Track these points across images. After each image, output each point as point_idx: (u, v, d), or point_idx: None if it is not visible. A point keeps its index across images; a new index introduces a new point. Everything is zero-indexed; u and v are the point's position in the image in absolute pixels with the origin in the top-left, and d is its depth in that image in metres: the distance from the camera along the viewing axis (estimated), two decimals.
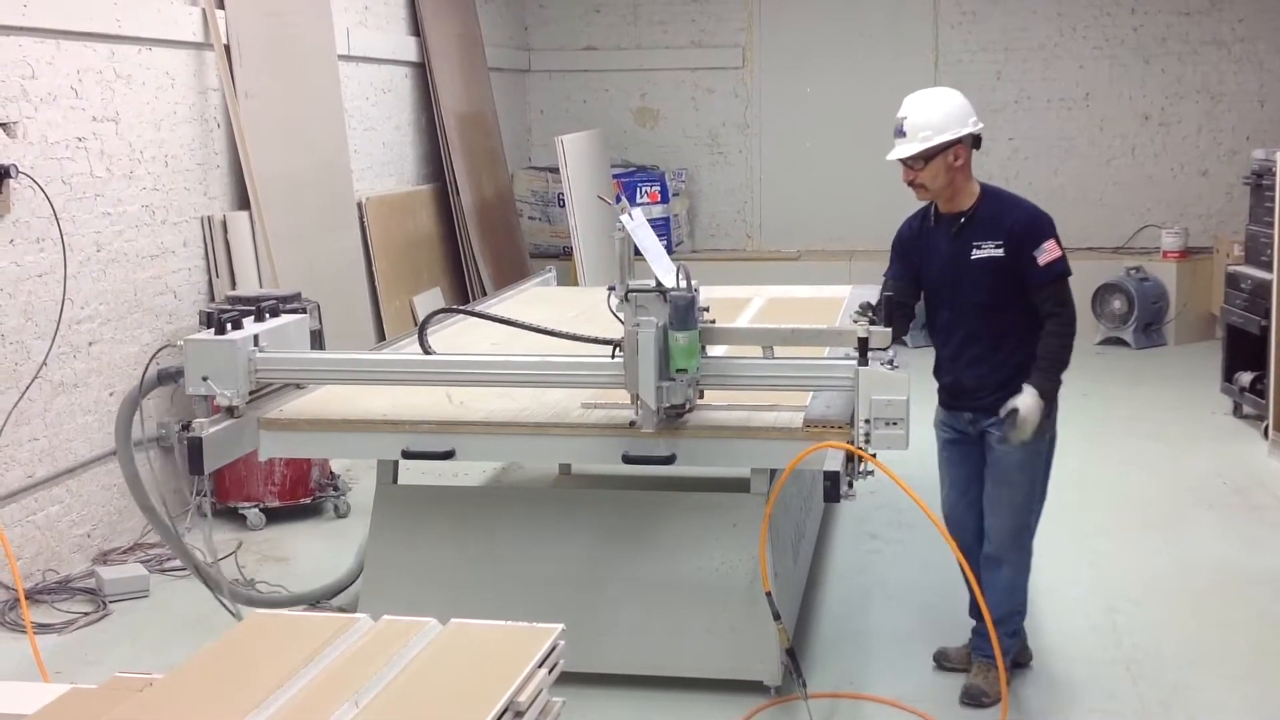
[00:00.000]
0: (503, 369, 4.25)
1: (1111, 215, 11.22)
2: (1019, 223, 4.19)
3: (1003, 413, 4.15)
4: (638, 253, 4.09)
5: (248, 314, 4.35)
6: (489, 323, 5.48)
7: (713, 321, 4.09)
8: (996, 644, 3.94)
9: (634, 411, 3.95)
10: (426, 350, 4.44)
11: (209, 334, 4.18)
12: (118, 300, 6.04)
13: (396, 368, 4.41)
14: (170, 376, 4.38)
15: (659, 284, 3.90)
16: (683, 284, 3.87)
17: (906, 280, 4.38)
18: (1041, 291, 4.17)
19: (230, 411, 4.17)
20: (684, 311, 3.84)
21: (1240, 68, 11.05)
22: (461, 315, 5.46)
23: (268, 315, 4.38)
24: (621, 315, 3.94)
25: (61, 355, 5.67)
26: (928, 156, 4.16)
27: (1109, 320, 10.42)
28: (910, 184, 4.25)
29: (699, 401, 4.06)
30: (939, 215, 4.33)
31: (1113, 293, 10.39)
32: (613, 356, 4.02)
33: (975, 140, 4.24)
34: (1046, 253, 4.13)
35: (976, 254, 4.20)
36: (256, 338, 4.22)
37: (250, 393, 4.22)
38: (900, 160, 4.22)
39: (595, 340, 4.28)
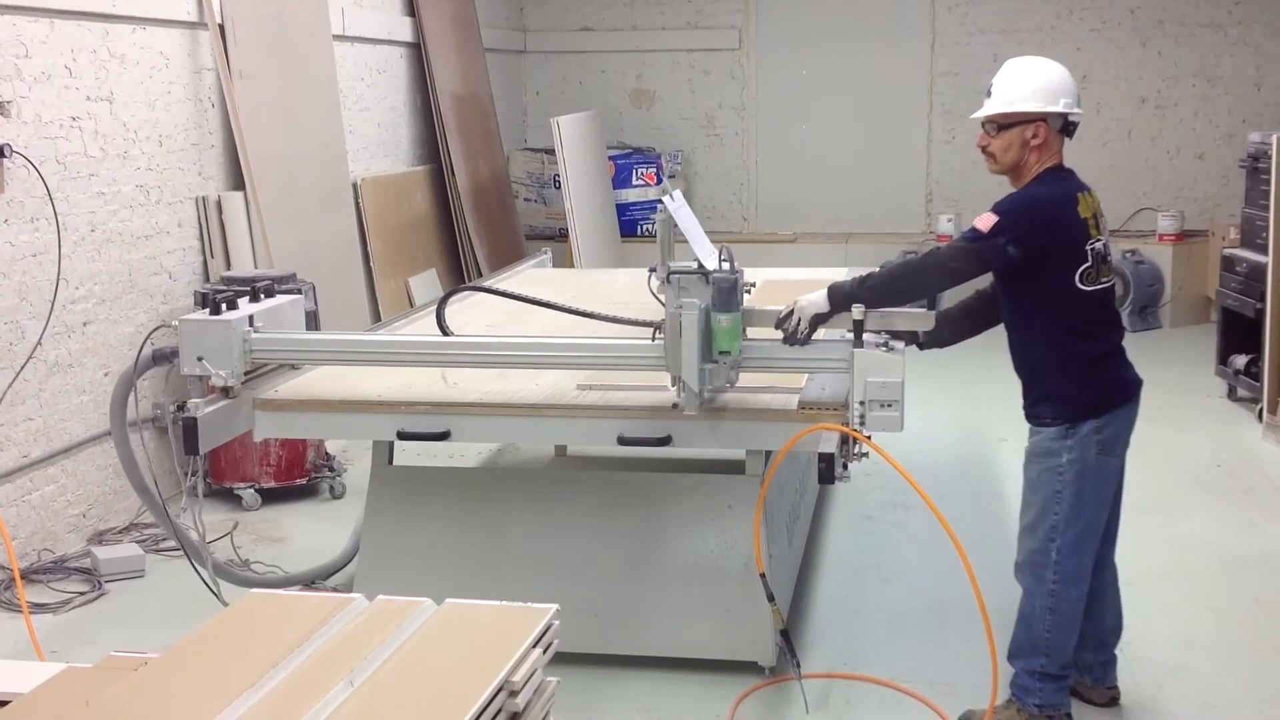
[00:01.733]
0: (530, 351, 4.17)
1: (1108, 198, 11.03)
2: (1004, 199, 3.85)
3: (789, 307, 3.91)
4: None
5: (243, 294, 4.34)
6: (486, 304, 5.48)
7: (752, 286, 3.97)
8: (992, 641, 3.80)
9: (676, 394, 3.90)
10: (445, 330, 4.41)
11: (204, 314, 4.17)
12: (112, 280, 6.03)
13: (392, 349, 4.37)
14: (165, 357, 4.38)
15: (701, 265, 3.86)
16: (725, 265, 3.81)
17: None
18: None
19: (225, 392, 4.14)
20: (727, 293, 3.78)
21: (1237, 51, 11.04)
22: (468, 295, 5.44)
23: (263, 296, 4.36)
24: (663, 297, 3.89)
25: (56, 335, 5.67)
26: (1003, 124, 3.88)
27: None
28: (981, 149, 3.97)
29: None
30: None
31: None
32: (653, 339, 3.97)
33: (1067, 126, 3.89)
34: (978, 219, 3.78)
35: None
36: (251, 318, 4.20)
37: (245, 373, 4.19)
38: (981, 120, 3.95)
39: (635, 322, 4.23)
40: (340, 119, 8.09)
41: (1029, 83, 3.89)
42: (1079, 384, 3.87)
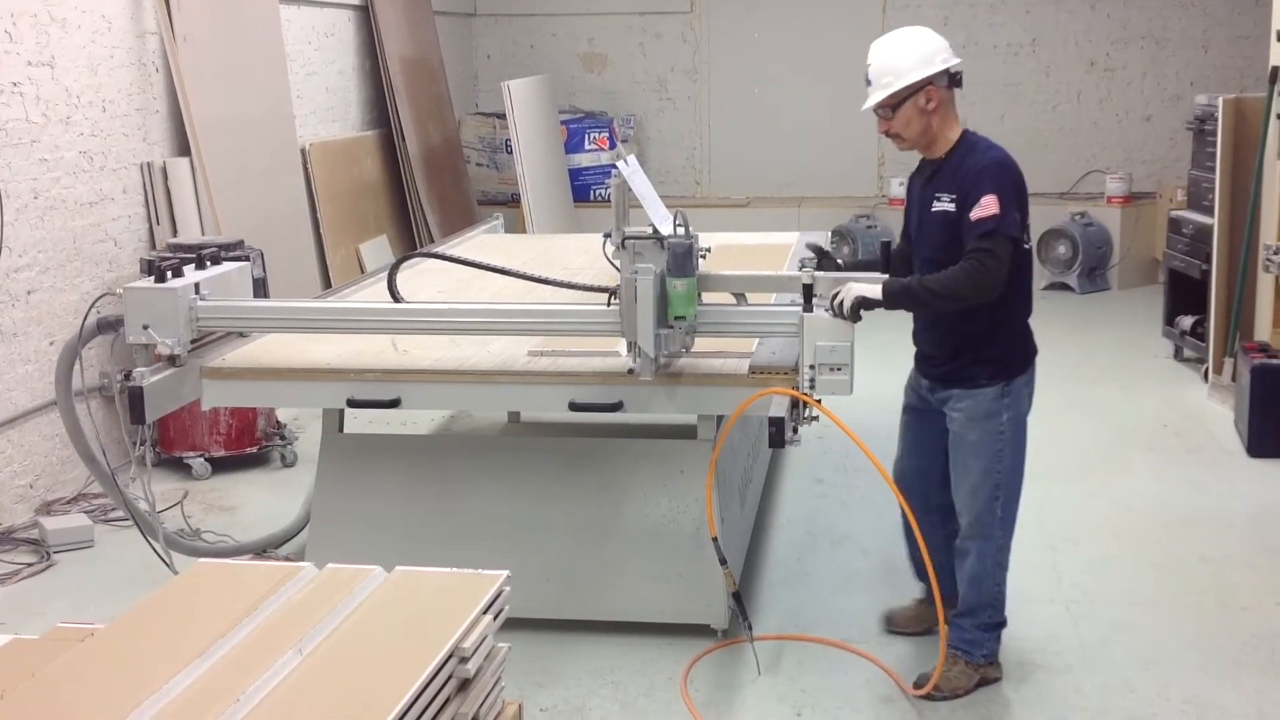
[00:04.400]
0: (483, 317, 4.14)
1: (1057, 161, 11.28)
2: (971, 173, 3.80)
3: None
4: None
5: (188, 261, 4.29)
6: (438, 270, 5.45)
7: (707, 250, 3.96)
8: (938, 591, 3.95)
9: (631, 359, 3.89)
10: (396, 297, 4.36)
11: (149, 282, 4.12)
12: (56, 248, 5.95)
13: (343, 316, 4.34)
14: (110, 325, 4.32)
15: (656, 231, 3.84)
16: (680, 231, 3.80)
17: (905, 229, 4.17)
18: (970, 244, 3.72)
19: (171, 360, 4.10)
20: (683, 258, 3.78)
21: (1185, 13, 11.11)
22: (417, 260, 5.41)
23: (209, 263, 4.32)
24: (618, 262, 3.88)
25: (0, 304, 5.59)
26: (895, 104, 3.85)
27: (1053, 265, 10.51)
28: (886, 135, 3.94)
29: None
30: (923, 162, 4.02)
31: (1057, 238, 10.48)
32: (608, 304, 3.96)
33: (953, 80, 3.88)
34: (982, 207, 3.70)
35: (935, 207, 3.87)
36: (198, 286, 4.16)
37: (192, 341, 4.16)
38: (874, 111, 3.92)
39: (590, 288, 4.22)
40: (287, 83, 8.00)
41: (903, 56, 3.87)
42: (1012, 343, 3.97)
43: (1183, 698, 4.08)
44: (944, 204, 3.84)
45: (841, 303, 3.77)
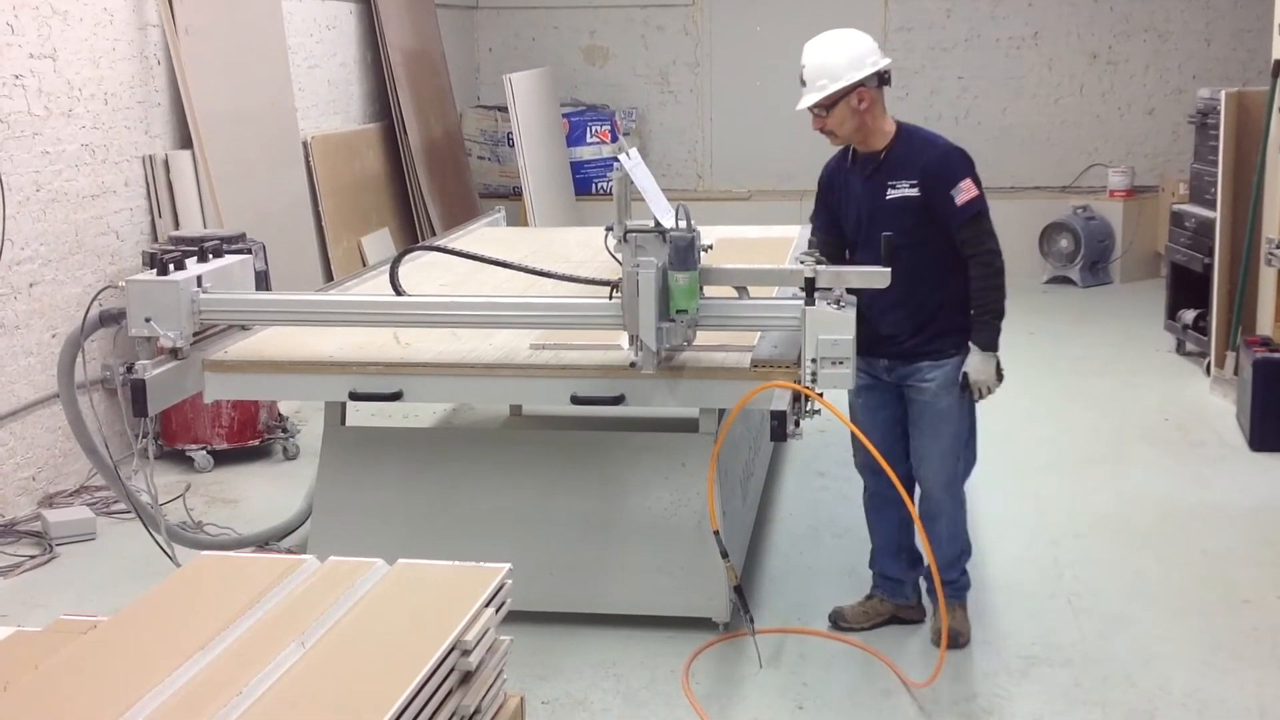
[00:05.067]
0: (486, 310, 4.16)
1: (1059, 154, 11.27)
2: (933, 160, 4.10)
3: (962, 380, 4.17)
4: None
5: (191, 254, 4.29)
6: (439, 264, 5.45)
7: (709, 247, 3.98)
8: (939, 583, 4.03)
9: (633, 353, 3.90)
10: (398, 290, 4.36)
11: (151, 275, 4.12)
12: (58, 241, 5.95)
13: (344, 309, 4.35)
14: (113, 318, 4.32)
15: (658, 224, 3.86)
16: (682, 224, 3.83)
17: (830, 222, 4.35)
18: (962, 232, 4.08)
19: (174, 353, 4.10)
20: (684, 252, 3.80)
21: (1187, 6, 11.09)
22: (421, 254, 5.40)
23: (211, 256, 4.32)
24: (619, 256, 3.89)
25: (2, 297, 5.59)
26: (829, 104, 4.09)
27: (1055, 259, 10.50)
28: (820, 131, 4.17)
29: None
30: (856, 156, 4.25)
31: (1059, 231, 10.47)
32: (610, 298, 3.98)
33: (882, 79, 4.13)
34: (963, 192, 4.04)
35: (891, 194, 4.11)
36: (200, 279, 4.16)
37: (194, 334, 4.16)
38: (809, 110, 4.14)
39: (592, 281, 4.22)
40: (289, 76, 8.00)
41: (835, 58, 4.10)
42: (964, 314, 4.19)
43: (1184, 691, 4.08)
44: (902, 189, 4.11)
45: (986, 387, 4.17)
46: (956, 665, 4.21)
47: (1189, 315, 7.90)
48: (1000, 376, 4.20)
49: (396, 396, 4.15)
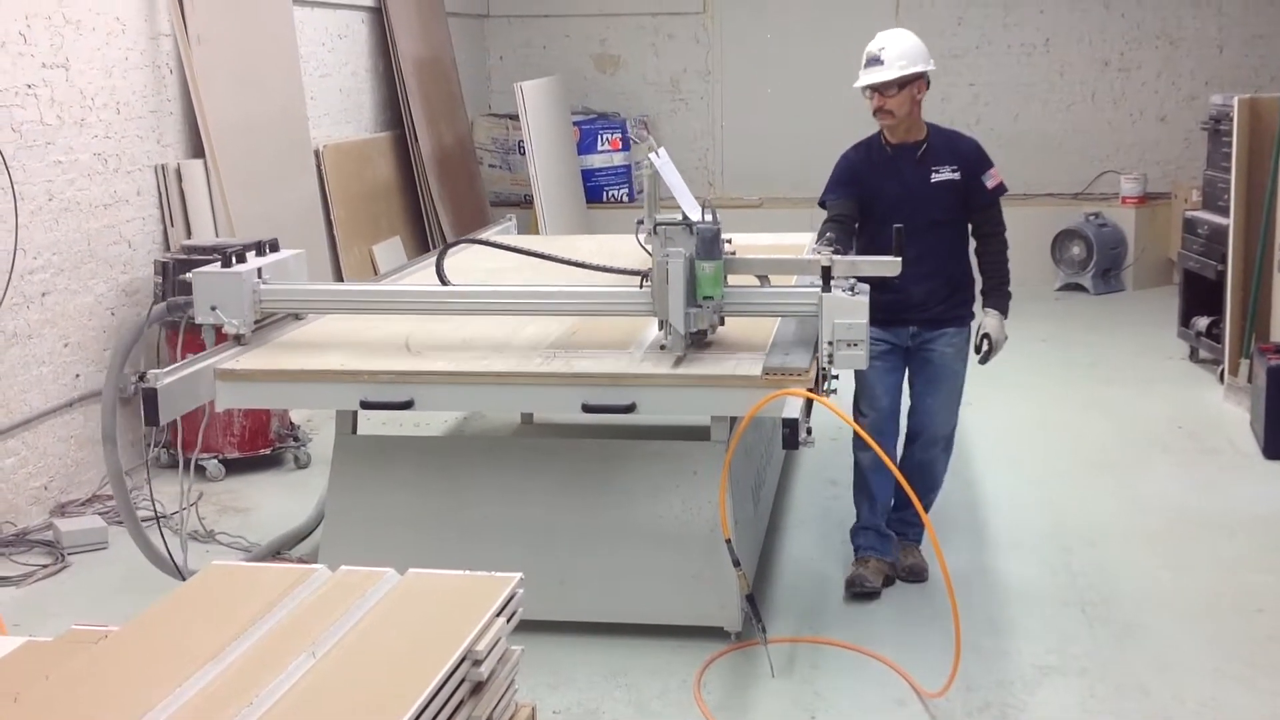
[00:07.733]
0: (527, 299, 4.42)
1: (1071, 161, 11.25)
2: (970, 149, 4.80)
3: (978, 342, 4.74)
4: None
5: (250, 249, 4.63)
6: (467, 263, 5.45)
7: (734, 253, 4.35)
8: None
9: (664, 336, 4.15)
10: (444, 281, 4.61)
11: (216, 267, 4.42)
12: (71, 250, 5.97)
13: (393, 298, 4.59)
14: (179, 307, 4.55)
15: (685, 217, 4.15)
16: (708, 217, 4.09)
17: (850, 204, 4.76)
18: (987, 211, 4.77)
19: (237, 339, 4.39)
20: (710, 242, 4.07)
21: (1199, 12, 11.06)
22: (455, 250, 5.46)
23: (268, 250, 4.66)
24: (649, 247, 4.18)
25: (14, 306, 5.60)
26: (901, 84, 4.60)
27: (1068, 266, 10.48)
28: (878, 110, 4.66)
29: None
30: (892, 145, 4.77)
31: (1072, 238, 10.45)
32: (640, 286, 4.23)
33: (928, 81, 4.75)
34: (993, 177, 4.75)
35: (936, 177, 4.70)
36: (260, 270, 4.46)
37: (255, 322, 4.44)
38: (872, 87, 4.62)
39: (624, 271, 4.48)
40: (301, 85, 8.01)
41: (915, 47, 4.65)
42: (974, 285, 4.84)
43: (1198, 700, 4.06)
44: (947, 174, 4.71)
45: (999, 345, 4.74)
46: (970, 674, 4.19)
47: (1202, 322, 7.87)
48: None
49: (408, 405, 4.16)
